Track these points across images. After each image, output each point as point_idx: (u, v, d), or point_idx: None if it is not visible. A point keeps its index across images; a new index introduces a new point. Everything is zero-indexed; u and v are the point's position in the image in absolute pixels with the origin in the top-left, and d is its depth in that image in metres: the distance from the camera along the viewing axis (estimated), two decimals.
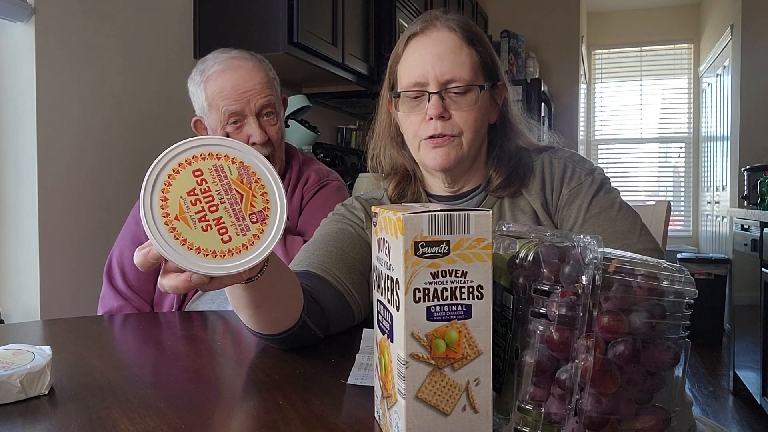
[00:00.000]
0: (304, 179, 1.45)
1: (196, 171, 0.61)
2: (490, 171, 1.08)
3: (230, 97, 1.33)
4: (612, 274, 0.52)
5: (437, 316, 0.52)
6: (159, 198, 0.59)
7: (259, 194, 0.62)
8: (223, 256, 0.59)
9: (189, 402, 0.72)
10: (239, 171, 0.62)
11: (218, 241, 0.60)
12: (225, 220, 0.60)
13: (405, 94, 1.03)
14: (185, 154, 0.61)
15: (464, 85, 1.00)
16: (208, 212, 0.60)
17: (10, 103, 1.74)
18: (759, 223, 2.90)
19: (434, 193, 1.12)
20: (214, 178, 0.61)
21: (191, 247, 0.58)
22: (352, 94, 3.18)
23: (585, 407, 0.50)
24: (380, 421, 0.62)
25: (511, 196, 1.07)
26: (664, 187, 6.10)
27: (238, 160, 0.63)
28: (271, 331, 0.86)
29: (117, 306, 1.37)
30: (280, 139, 1.39)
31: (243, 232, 0.60)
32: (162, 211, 0.59)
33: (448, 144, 1.01)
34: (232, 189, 0.61)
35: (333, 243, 1.04)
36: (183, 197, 0.60)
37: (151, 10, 2.14)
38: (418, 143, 1.03)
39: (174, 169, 0.60)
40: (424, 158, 1.03)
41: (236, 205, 0.61)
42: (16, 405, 0.69)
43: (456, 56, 1.00)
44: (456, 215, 0.52)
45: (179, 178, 0.60)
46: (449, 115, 1.00)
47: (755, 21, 4.19)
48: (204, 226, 0.59)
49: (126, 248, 1.40)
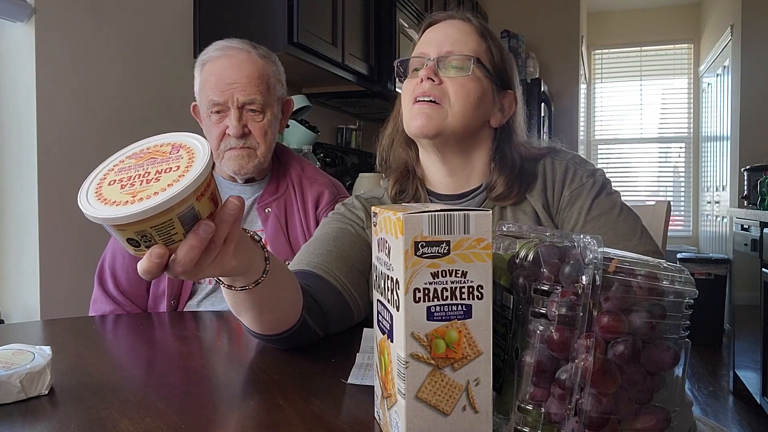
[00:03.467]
0: (314, 198, 1.41)
1: (134, 157, 0.63)
2: (493, 176, 1.08)
3: (216, 87, 1.31)
4: (612, 274, 0.52)
5: (437, 316, 0.52)
6: (102, 173, 0.61)
7: (180, 163, 0.59)
8: (127, 204, 0.56)
9: (189, 402, 0.72)
10: (172, 147, 0.62)
11: (119, 192, 0.57)
12: (134, 178, 0.59)
13: (406, 65, 1.06)
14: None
15: (461, 55, 1.02)
16: (130, 176, 0.59)
17: (10, 103, 1.74)
18: (759, 223, 2.90)
19: (435, 191, 1.12)
20: (148, 155, 0.62)
21: (106, 202, 0.57)
22: (352, 94, 3.18)
23: (585, 407, 0.50)
24: (380, 421, 0.62)
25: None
26: (664, 187, 6.10)
27: (177, 142, 0.62)
28: (273, 332, 0.86)
29: (109, 310, 1.34)
30: (263, 136, 1.34)
31: (145, 184, 0.58)
32: (97, 181, 0.60)
33: (430, 108, 1.00)
34: (154, 157, 0.61)
35: (332, 242, 1.04)
36: (117, 179, 0.60)
37: (151, 10, 2.14)
38: (409, 110, 1.03)
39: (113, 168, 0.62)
40: (409, 123, 1.03)
41: (151, 165, 0.60)
42: (16, 405, 0.69)
43: (464, 36, 1.03)
44: (456, 215, 0.52)
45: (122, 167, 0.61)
46: (440, 81, 1.01)
47: (755, 21, 4.19)
48: (122, 184, 0.58)
49: (118, 251, 1.38)
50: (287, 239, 1.37)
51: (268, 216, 1.38)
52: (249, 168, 1.35)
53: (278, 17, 2.26)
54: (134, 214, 0.54)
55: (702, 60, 5.71)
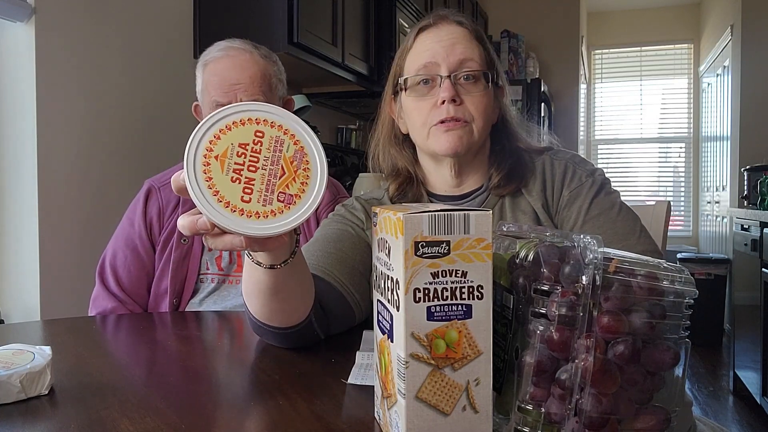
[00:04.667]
0: None
1: (259, 132, 0.60)
2: (491, 170, 1.09)
3: (219, 87, 1.31)
4: (612, 274, 0.52)
5: (437, 316, 0.52)
6: (207, 141, 0.59)
7: (300, 181, 0.61)
8: (259, 218, 0.58)
9: (189, 402, 0.72)
10: (295, 153, 0.61)
11: (237, 196, 0.58)
12: (255, 184, 0.59)
13: (414, 80, 1.03)
14: (259, 113, 0.61)
15: (476, 69, 1.01)
16: (245, 169, 0.59)
17: (10, 103, 1.74)
18: (759, 223, 2.90)
19: (436, 192, 1.12)
20: (270, 147, 0.61)
21: (214, 191, 0.58)
22: (352, 94, 3.18)
23: (585, 407, 0.50)
24: (380, 421, 0.62)
25: (512, 195, 1.07)
26: (664, 187, 6.10)
27: (300, 144, 0.62)
28: (279, 324, 0.86)
29: (111, 308, 1.35)
30: None
31: (264, 203, 0.59)
32: (206, 153, 0.58)
33: (460, 128, 1.01)
34: (278, 163, 0.60)
35: (333, 244, 1.04)
36: (233, 144, 0.59)
37: (151, 10, 2.14)
38: (428, 130, 1.03)
39: (237, 122, 0.60)
40: (435, 144, 1.03)
41: (273, 178, 0.60)
42: (16, 405, 0.69)
43: (467, 43, 1.03)
44: (456, 215, 0.52)
45: (241, 129, 0.60)
46: (461, 101, 1.01)
47: (755, 21, 4.18)
48: (234, 177, 0.59)
49: (119, 249, 1.38)
50: None
51: None
52: None
53: (278, 17, 2.26)
54: (265, 233, 0.58)
55: (702, 60, 5.71)
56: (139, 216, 1.38)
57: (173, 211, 1.39)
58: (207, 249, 1.37)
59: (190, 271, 1.35)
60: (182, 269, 1.35)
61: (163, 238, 1.37)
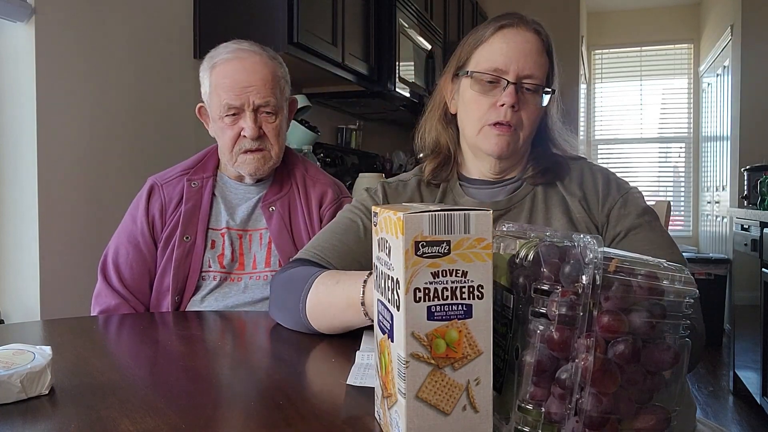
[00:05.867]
0: (318, 196, 1.43)
1: None
2: (528, 165, 1.14)
3: (231, 90, 1.31)
4: (612, 274, 0.52)
5: (437, 315, 0.52)
6: None
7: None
8: None
9: (189, 402, 0.72)
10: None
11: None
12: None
13: (480, 76, 1.07)
14: None
15: (538, 84, 1.06)
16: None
17: (10, 103, 1.74)
18: (759, 223, 2.90)
19: (471, 176, 1.16)
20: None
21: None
22: (352, 94, 3.18)
23: (585, 407, 0.50)
24: (380, 421, 0.62)
25: (545, 186, 1.12)
26: (664, 187, 6.10)
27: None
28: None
29: (114, 305, 1.34)
30: (277, 137, 1.37)
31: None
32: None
33: (510, 135, 1.06)
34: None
35: (338, 236, 1.10)
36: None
37: (151, 10, 2.14)
38: (481, 127, 1.07)
39: None
40: (483, 142, 1.07)
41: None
42: (16, 405, 0.69)
43: (538, 57, 1.07)
44: (456, 215, 0.52)
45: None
46: (518, 108, 1.05)
47: (755, 21, 4.19)
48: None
49: (122, 246, 1.38)
50: (291, 236, 1.39)
51: (272, 214, 1.40)
52: (264, 170, 1.39)
53: (278, 17, 2.26)
54: None
55: (702, 60, 5.71)
56: (142, 213, 1.39)
57: (175, 208, 1.39)
58: (209, 246, 1.37)
59: (192, 269, 1.36)
60: (184, 267, 1.35)
61: (165, 235, 1.37)
